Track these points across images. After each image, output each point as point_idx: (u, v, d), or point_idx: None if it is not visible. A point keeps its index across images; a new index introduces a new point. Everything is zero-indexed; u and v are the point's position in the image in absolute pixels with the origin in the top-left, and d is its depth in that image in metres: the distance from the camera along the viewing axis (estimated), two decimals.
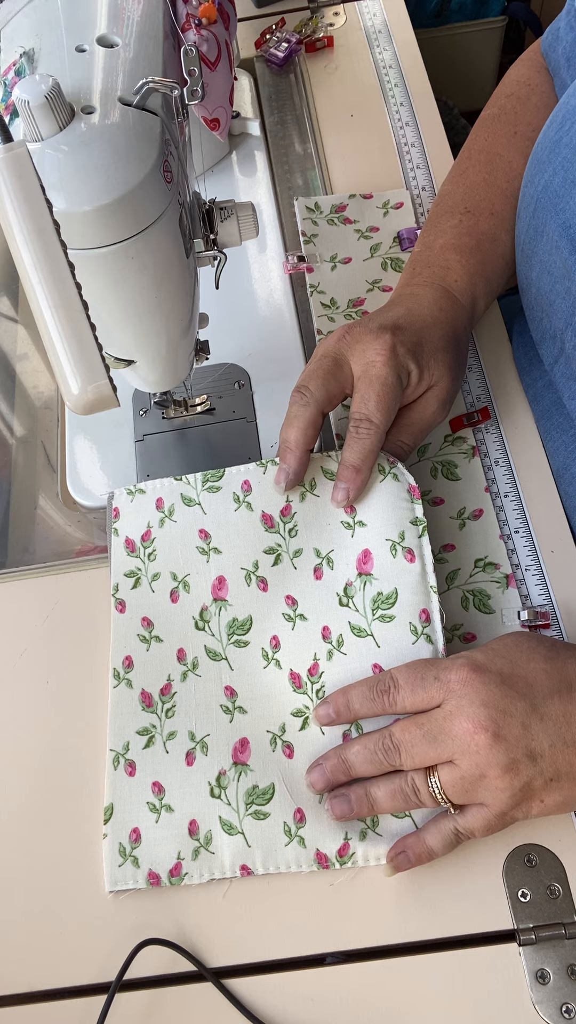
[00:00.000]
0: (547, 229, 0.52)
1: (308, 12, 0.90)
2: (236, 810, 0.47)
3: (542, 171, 0.53)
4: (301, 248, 0.71)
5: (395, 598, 0.49)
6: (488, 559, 0.54)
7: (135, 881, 0.46)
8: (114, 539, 0.55)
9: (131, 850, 0.47)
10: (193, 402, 0.65)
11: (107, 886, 0.47)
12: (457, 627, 0.52)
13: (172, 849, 0.47)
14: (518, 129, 0.63)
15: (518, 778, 0.41)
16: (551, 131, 0.54)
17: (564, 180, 0.51)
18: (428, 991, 0.44)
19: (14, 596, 0.58)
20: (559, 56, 0.62)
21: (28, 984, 0.46)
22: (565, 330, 0.54)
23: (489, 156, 0.62)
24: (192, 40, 0.55)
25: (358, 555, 0.51)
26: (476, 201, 0.61)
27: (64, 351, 0.35)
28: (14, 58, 0.44)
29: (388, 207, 0.73)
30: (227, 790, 0.47)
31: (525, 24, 1.40)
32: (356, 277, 0.69)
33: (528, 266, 0.56)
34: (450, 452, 0.59)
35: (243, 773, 0.48)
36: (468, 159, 0.63)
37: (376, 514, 0.51)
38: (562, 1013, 0.42)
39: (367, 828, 0.46)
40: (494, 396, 0.61)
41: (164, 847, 0.47)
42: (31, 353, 0.74)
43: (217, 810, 0.47)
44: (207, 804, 0.47)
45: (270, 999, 0.44)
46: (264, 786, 0.47)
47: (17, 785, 0.51)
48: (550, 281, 0.54)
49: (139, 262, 0.44)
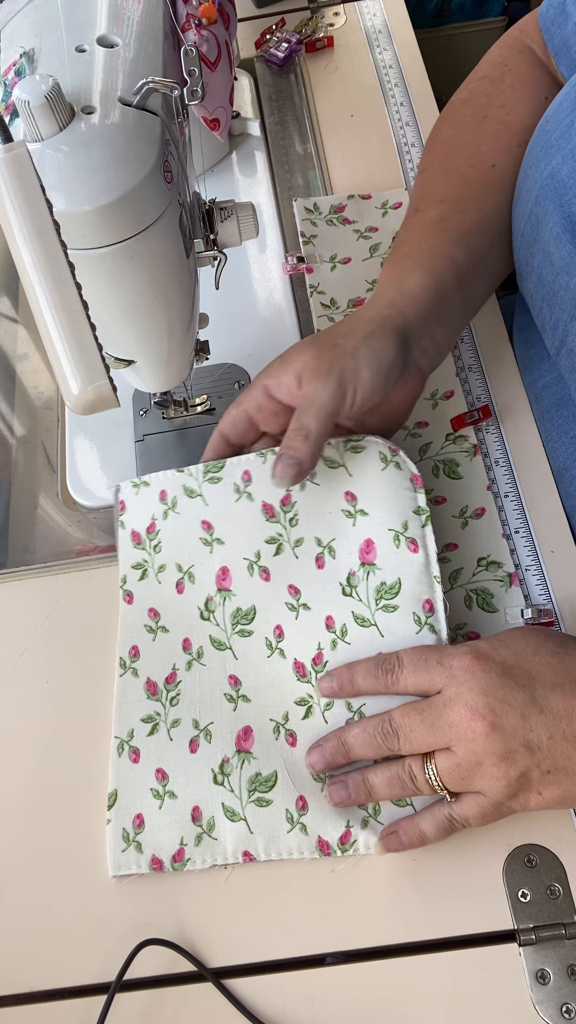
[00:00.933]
0: (549, 218, 0.51)
1: (308, 12, 0.90)
2: (239, 797, 0.47)
3: (549, 156, 0.51)
4: (300, 249, 0.71)
5: (398, 588, 0.49)
6: (491, 558, 0.54)
7: (138, 866, 0.47)
8: (121, 532, 0.56)
9: (134, 835, 0.47)
10: (193, 402, 0.65)
11: (110, 871, 0.47)
12: (461, 626, 0.52)
13: (175, 835, 0.47)
14: (488, 113, 0.59)
15: (514, 767, 0.41)
16: (561, 113, 0.50)
17: (572, 169, 0.48)
18: (428, 991, 0.44)
19: (14, 596, 0.58)
20: (568, 33, 0.56)
21: (28, 984, 0.46)
22: (569, 323, 0.52)
23: (453, 145, 0.59)
24: (192, 40, 0.55)
25: (360, 544, 0.51)
26: (427, 196, 0.58)
27: (64, 351, 0.35)
28: (14, 58, 0.44)
29: (387, 207, 0.73)
30: (230, 777, 0.47)
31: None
32: (356, 277, 0.69)
33: (529, 252, 0.54)
34: (452, 451, 0.59)
35: (246, 761, 0.48)
36: (429, 154, 0.61)
37: (378, 503, 0.51)
38: (562, 1013, 0.42)
39: (369, 816, 0.46)
40: (494, 395, 0.61)
41: (167, 833, 0.47)
42: (31, 353, 0.74)
43: (220, 797, 0.47)
44: (210, 791, 0.47)
45: (270, 999, 0.44)
46: (267, 773, 0.47)
47: (17, 785, 0.51)
48: (552, 272, 0.52)
49: (139, 262, 0.44)
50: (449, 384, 0.62)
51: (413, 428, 0.60)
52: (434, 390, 0.62)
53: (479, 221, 0.56)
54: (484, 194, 0.57)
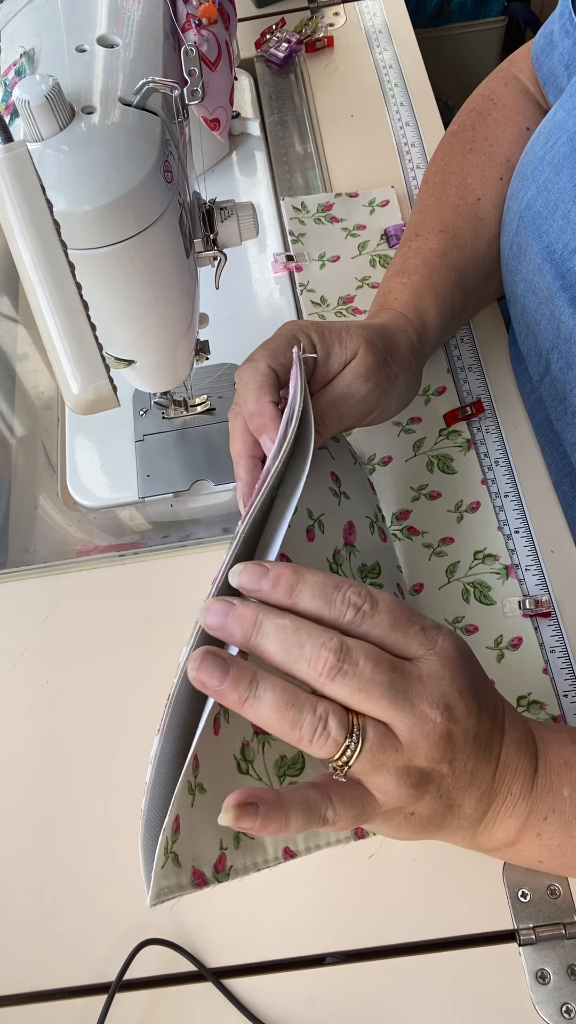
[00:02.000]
0: (530, 249, 0.52)
1: (308, 12, 0.90)
2: (269, 784, 0.41)
3: (526, 188, 0.53)
4: (289, 248, 0.72)
5: (378, 569, 0.50)
6: (487, 551, 0.55)
7: (180, 885, 0.37)
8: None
9: (171, 844, 0.37)
10: (193, 402, 0.65)
11: (149, 899, 0.36)
12: (459, 619, 0.52)
13: (213, 839, 0.39)
14: (474, 145, 0.62)
15: (424, 784, 0.36)
16: (536, 145, 0.53)
17: (547, 201, 0.50)
18: (428, 991, 0.44)
19: (14, 596, 0.58)
20: (555, 63, 0.59)
21: (28, 984, 0.46)
22: (551, 351, 0.54)
23: (444, 176, 0.62)
24: (192, 40, 0.55)
25: (344, 525, 0.51)
26: (427, 223, 0.60)
27: (64, 351, 0.35)
28: (14, 58, 0.44)
29: (374, 205, 0.73)
30: (254, 763, 0.42)
31: (525, 24, 1.40)
32: (345, 275, 0.70)
33: (513, 282, 0.56)
34: (445, 446, 0.59)
35: (266, 744, 0.42)
36: (425, 182, 0.63)
37: (356, 491, 0.51)
38: (562, 1013, 0.42)
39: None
40: (494, 395, 0.61)
41: (204, 838, 0.39)
42: (31, 353, 0.74)
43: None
44: (235, 781, 0.40)
45: (270, 999, 0.44)
46: (292, 755, 0.42)
47: (17, 785, 0.51)
48: (535, 301, 0.54)
49: (139, 262, 0.44)
50: (441, 380, 0.62)
51: (406, 424, 0.61)
52: (426, 386, 0.62)
53: (472, 258, 0.59)
54: (475, 226, 0.60)
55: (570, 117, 0.50)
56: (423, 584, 0.54)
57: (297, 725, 0.34)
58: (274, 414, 0.44)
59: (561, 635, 0.51)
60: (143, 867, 0.37)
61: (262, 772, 0.42)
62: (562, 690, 0.50)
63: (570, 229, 0.49)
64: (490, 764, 0.37)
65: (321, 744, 0.34)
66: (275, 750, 0.43)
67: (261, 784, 0.41)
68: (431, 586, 0.54)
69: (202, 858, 0.38)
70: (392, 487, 0.58)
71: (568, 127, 0.50)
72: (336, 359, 0.48)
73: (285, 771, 0.42)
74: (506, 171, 0.60)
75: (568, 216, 0.49)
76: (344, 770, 0.34)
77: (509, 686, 0.50)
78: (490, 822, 0.39)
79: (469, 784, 0.37)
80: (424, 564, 0.55)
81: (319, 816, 0.34)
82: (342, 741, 0.34)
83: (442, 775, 0.36)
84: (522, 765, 0.38)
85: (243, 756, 0.42)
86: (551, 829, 0.39)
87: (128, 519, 0.64)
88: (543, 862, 0.40)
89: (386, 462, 0.59)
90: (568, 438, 0.55)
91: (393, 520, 0.57)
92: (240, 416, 0.46)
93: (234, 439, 0.47)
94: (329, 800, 0.35)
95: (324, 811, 0.35)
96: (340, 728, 0.34)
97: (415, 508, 0.57)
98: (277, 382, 0.46)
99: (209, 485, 0.63)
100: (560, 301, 0.50)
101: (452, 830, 0.39)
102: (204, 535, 0.60)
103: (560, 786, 0.39)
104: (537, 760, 0.39)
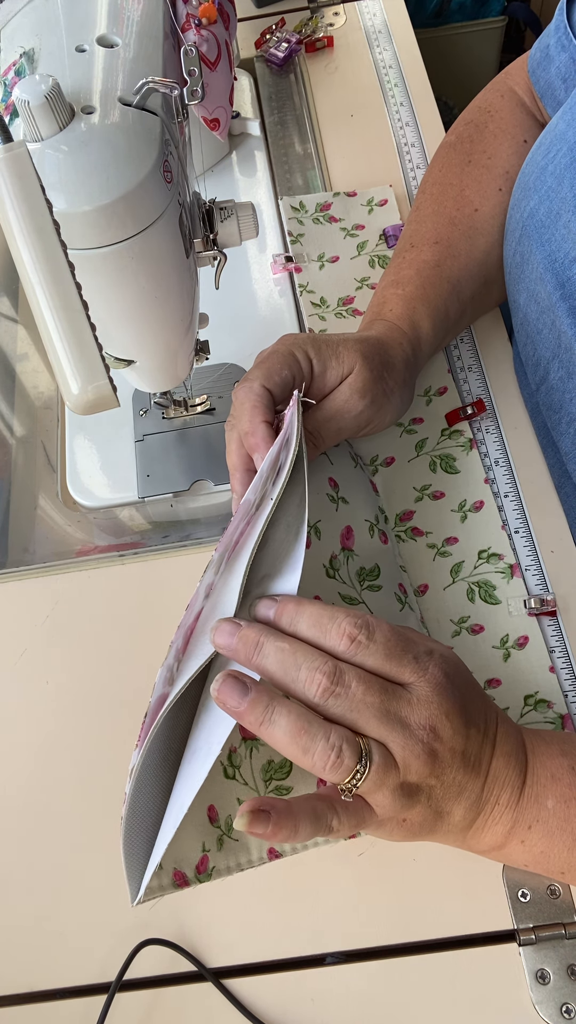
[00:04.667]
0: (532, 258, 0.53)
1: (308, 12, 0.90)
2: (255, 789, 0.43)
3: (528, 197, 0.53)
4: (288, 248, 0.72)
5: (378, 572, 0.50)
6: (491, 550, 0.55)
7: (160, 886, 0.40)
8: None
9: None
10: (193, 402, 0.65)
11: (132, 898, 0.39)
12: (464, 619, 0.52)
13: (196, 841, 0.41)
14: (472, 158, 0.62)
15: (415, 795, 0.38)
16: (538, 155, 0.53)
17: (549, 211, 0.51)
18: (428, 991, 0.44)
19: (14, 596, 0.58)
20: (552, 76, 0.60)
21: (28, 984, 0.46)
22: (551, 361, 0.54)
23: (441, 187, 0.62)
24: (192, 40, 0.55)
25: (341, 530, 0.51)
26: (422, 234, 0.60)
27: (64, 351, 0.35)
28: (14, 58, 0.44)
29: (372, 204, 0.73)
30: (240, 769, 0.44)
31: (525, 24, 1.40)
32: (344, 275, 0.70)
33: (516, 290, 0.57)
34: (448, 446, 0.59)
35: (254, 748, 0.44)
36: (422, 193, 0.64)
37: (356, 495, 0.52)
38: (562, 1013, 0.42)
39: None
40: (494, 396, 0.61)
41: (187, 841, 0.41)
42: (31, 353, 0.74)
43: (234, 792, 0.43)
44: (222, 786, 0.43)
45: (270, 999, 0.44)
46: (279, 760, 0.44)
47: (17, 785, 0.51)
48: (537, 310, 0.54)
49: (139, 262, 0.44)
50: (442, 380, 0.62)
51: (408, 425, 0.61)
52: (427, 387, 0.62)
53: (467, 268, 0.59)
54: (472, 237, 0.60)
55: (570, 128, 0.50)
56: (428, 585, 0.54)
57: (309, 752, 0.36)
58: (266, 434, 0.47)
59: (561, 635, 0.51)
60: (125, 871, 0.39)
61: (248, 777, 0.44)
62: (564, 690, 0.50)
63: (571, 238, 0.49)
64: (479, 777, 0.39)
65: (334, 771, 0.36)
66: (263, 755, 0.45)
67: (247, 788, 0.43)
68: (436, 587, 0.54)
69: (184, 860, 0.41)
70: (395, 488, 0.58)
71: (568, 138, 0.50)
72: (332, 374, 0.51)
73: (272, 775, 0.44)
74: (504, 182, 0.61)
75: (569, 225, 0.49)
76: (351, 792, 0.37)
77: (516, 685, 0.50)
78: (479, 828, 0.41)
79: (458, 795, 0.39)
80: (428, 565, 0.55)
81: (325, 825, 0.37)
82: (353, 767, 0.36)
83: (431, 787, 0.38)
84: (510, 777, 0.40)
85: (230, 762, 0.44)
86: (534, 837, 0.40)
87: (128, 519, 0.64)
88: (528, 866, 0.42)
89: (389, 463, 0.59)
90: (564, 447, 0.56)
91: (397, 521, 0.57)
92: (235, 430, 0.49)
93: (230, 451, 0.50)
94: (334, 811, 0.37)
95: (330, 820, 0.37)
96: (353, 756, 0.36)
97: (418, 508, 0.57)
98: (271, 402, 0.49)
99: (209, 485, 0.63)
100: (560, 311, 0.51)
101: (443, 834, 0.41)
102: (204, 535, 0.60)
103: (545, 798, 0.40)
104: (526, 772, 0.41)
